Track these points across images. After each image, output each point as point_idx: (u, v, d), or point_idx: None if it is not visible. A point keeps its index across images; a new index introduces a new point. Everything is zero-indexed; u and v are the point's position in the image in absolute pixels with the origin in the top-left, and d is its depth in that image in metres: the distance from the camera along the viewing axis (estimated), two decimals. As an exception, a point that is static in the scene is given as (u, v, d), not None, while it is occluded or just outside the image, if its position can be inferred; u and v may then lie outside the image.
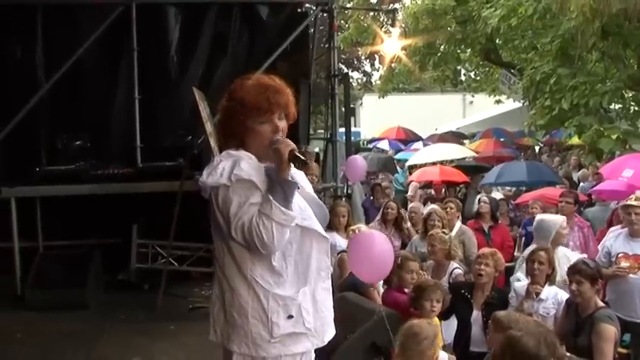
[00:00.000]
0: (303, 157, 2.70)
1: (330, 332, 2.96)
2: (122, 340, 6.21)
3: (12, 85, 8.40)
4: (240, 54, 8.99)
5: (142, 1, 8.47)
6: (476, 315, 5.21)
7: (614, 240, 6.38)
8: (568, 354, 4.09)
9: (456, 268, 6.12)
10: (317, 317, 2.87)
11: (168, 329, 6.46)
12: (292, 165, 2.71)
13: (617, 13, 9.77)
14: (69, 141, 8.35)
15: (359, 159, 8.81)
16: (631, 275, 6.12)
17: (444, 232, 6.35)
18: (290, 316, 2.77)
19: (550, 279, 5.36)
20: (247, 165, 2.73)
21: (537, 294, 5.20)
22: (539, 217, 6.80)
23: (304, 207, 2.83)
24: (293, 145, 2.74)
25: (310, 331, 2.84)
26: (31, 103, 8.16)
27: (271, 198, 2.64)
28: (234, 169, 2.70)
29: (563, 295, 5.24)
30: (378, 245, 4.88)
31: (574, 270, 5.00)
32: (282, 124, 2.86)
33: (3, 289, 7.53)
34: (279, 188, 2.67)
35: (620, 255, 6.21)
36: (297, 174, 2.88)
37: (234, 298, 2.78)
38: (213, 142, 6.61)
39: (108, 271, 7.97)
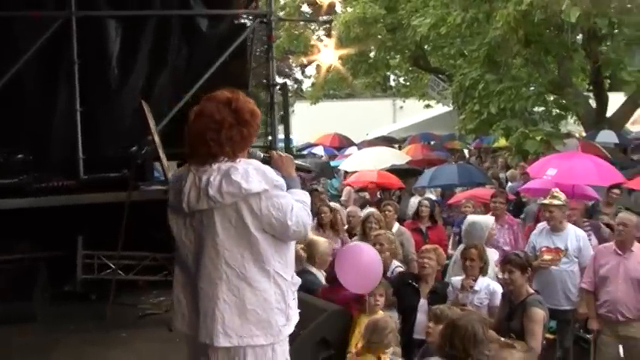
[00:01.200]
0: (306, 166, 3.26)
1: None
2: (74, 350, 6.22)
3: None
4: (180, 65, 9.08)
5: (81, 14, 8.52)
6: (422, 303, 5.56)
7: (538, 235, 6.95)
8: (502, 339, 4.48)
9: (397, 266, 6.46)
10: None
11: (119, 337, 6.50)
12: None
13: (539, 22, 10.37)
14: (10, 155, 8.28)
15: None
16: (553, 267, 6.67)
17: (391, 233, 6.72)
18: (294, 299, 3.20)
19: (482, 271, 5.78)
20: (274, 173, 3.12)
21: (471, 287, 5.60)
22: (470, 219, 7.21)
23: None
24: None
25: (297, 308, 3.26)
26: (-32, 118, 8.11)
27: (301, 190, 3.19)
28: (268, 176, 3.05)
29: (495, 286, 5.66)
30: (366, 257, 5.23)
31: (505, 260, 5.47)
32: None
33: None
34: (299, 184, 3.25)
35: (542, 248, 6.76)
36: None
37: (258, 296, 3.06)
38: (161, 152, 6.77)
39: (54, 283, 7.93)
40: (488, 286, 5.71)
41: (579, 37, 12.73)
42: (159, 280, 7.54)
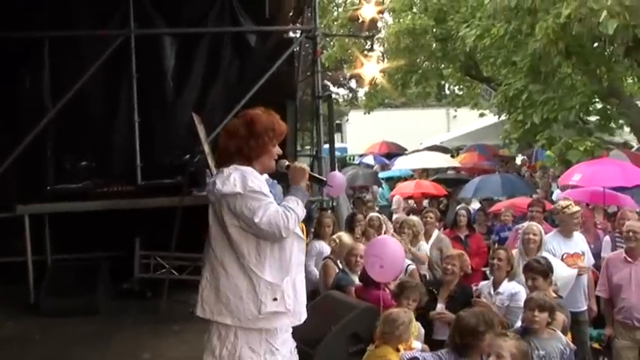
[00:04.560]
0: (321, 177, 3.68)
1: (304, 314, 3.72)
2: (132, 339, 6.84)
3: (22, 111, 9.11)
4: (232, 79, 9.72)
5: (140, 32, 9.20)
6: (440, 308, 5.91)
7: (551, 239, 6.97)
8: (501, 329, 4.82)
9: (409, 264, 6.83)
10: (296, 301, 3.62)
11: (172, 329, 7.09)
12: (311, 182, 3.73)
13: (578, 34, 10.49)
14: (75, 161, 9.02)
15: (338, 174, 9.26)
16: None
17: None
18: (275, 299, 3.53)
19: (509, 275, 6.06)
20: (256, 179, 3.53)
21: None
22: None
23: None
24: (308, 168, 3.69)
25: (290, 311, 3.59)
26: (39, 127, 8.78)
27: (296, 198, 3.52)
28: (246, 181, 3.48)
29: (518, 288, 5.90)
30: (390, 248, 5.62)
31: (527, 268, 5.73)
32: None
33: (17, 298, 8.12)
34: (300, 194, 3.57)
35: (564, 255, 6.80)
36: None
37: (230, 282, 3.53)
38: (210, 161, 7.31)
39: (114, 280, 8.55)
40: (513, 288, 5.92)
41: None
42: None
